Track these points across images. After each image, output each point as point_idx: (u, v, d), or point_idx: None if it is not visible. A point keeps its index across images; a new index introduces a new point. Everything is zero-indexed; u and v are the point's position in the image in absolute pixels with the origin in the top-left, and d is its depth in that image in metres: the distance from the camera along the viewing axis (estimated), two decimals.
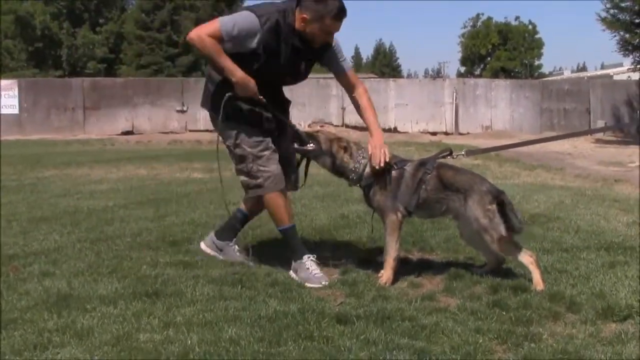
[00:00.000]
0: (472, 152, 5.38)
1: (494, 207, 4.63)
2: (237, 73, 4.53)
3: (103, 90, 31.28)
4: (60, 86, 31.89)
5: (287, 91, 5.10)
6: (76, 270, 4.86)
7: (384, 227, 4.79)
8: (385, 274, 4.70)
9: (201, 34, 4.47)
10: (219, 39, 4.46)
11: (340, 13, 4.55)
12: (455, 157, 4.94)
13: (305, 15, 4.55)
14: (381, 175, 4.74)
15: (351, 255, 5.45)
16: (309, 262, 4.83)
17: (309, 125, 30.21)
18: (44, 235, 6.18)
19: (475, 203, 4.65)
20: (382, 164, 4.69)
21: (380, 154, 4.69)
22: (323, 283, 4.66)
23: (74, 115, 31.01)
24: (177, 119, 31.30)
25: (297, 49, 4.66)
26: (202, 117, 30.81)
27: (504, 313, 3.98)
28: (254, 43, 4.53)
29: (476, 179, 4.80)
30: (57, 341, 3.47)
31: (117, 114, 31.02)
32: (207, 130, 30.25)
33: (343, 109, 30.72)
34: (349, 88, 4.94)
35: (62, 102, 30.97)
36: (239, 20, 4.53)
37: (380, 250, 4.92)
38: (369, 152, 4.76)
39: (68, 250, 5.55)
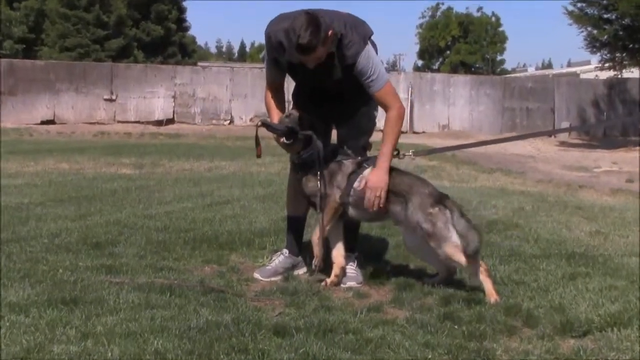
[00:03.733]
0: (420, 152, 5.50)
1: (436, 210, 4.70)
2: None
3: (21, 74, 30.59)
4: None
5: (229, 81, 5.15)
6: None
7: (322, 212, 4.89)
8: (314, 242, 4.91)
9: None
10: None
11: (298, 49, 4.53)
12: (402, 157, 5.02)
13: None
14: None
15: None
16: (278, 256, 5.30)
17: (251, 119, 30.15)
18: None
19: (416, 207, 4.73)
20: (372, 209, 4.81)
21: (373, 199, 4.77)
22: (265, 278, 5.03)
23: None
24: (104, 108, 30.85)
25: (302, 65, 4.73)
26: (133, 107, 30.56)
27: (456, 327, 4.03)
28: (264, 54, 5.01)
29: (417, 182, 4.91)
30: None
31: (37, 101, 30.40)
32: (137, 122, 30.03)
33: (288, 102, 30.69)
34: (382, 108, 4.95)
35: None
36: None
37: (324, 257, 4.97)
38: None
39: None
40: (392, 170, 4.88)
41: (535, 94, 33.08)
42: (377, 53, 4.87)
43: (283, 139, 4.78)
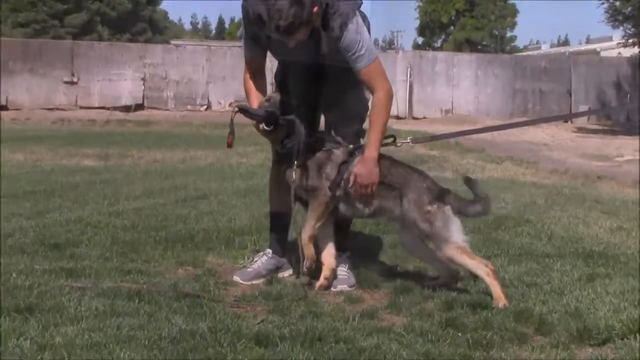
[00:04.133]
0: (419, 140, 5.49)
1: (434, 207, 4.71)
2: None
3: None
4: None
5: (205, 62, 5.12)
6: None
7: (310, 206, 4.93)
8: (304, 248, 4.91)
9: None
10: None
11: (277, 32, 4.54)
12: (399, 145, 5.02)
13: None
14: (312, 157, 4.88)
15: None
16: (260, 256, 5.31)
17: (230, 104, 30.08)
18: None
19: (412, 203, 4.74)
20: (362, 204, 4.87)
21: (363, 193, 4.79)
22: (246, 282, 5.05)
23: None
24: (64, 92, 30.76)
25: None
26: (97, 91, 30.41)
27: (460, 334, 4.04)
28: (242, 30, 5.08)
29: (414, 174, 4.90)
30: None
31: None
32: (102, 107, 29.91)
33: (272, 84, 30.64)
34: (368, 89, 4.96)
35: None
36: None
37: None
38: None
39: None
40: (385, 160, 4.88)
41: (550, 74, 33.14)
42: (369, 29, 4.86)
43: (263, 126, 4.76)
